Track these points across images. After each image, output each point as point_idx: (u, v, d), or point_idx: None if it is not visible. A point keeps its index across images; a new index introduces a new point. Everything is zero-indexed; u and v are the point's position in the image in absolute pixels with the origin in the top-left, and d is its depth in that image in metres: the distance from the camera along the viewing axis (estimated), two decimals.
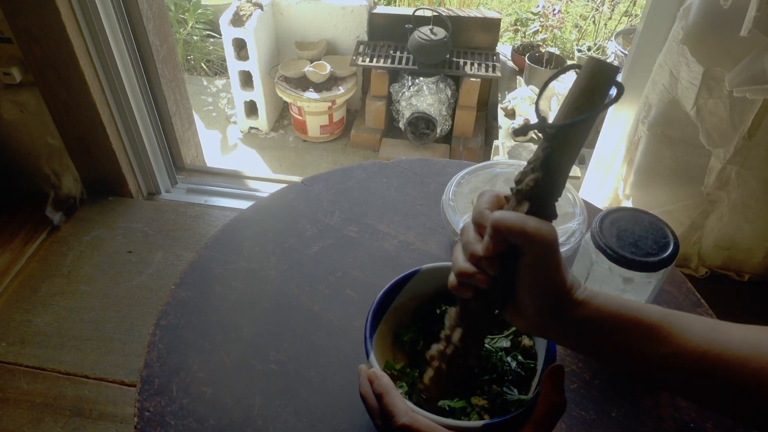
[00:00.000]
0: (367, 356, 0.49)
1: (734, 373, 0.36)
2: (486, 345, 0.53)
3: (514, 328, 0.55)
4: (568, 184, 0.75)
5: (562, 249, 0.68)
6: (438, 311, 0.56)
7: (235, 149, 2.58)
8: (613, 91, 0.38)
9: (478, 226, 0.42)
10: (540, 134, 0.39)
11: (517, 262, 0.40)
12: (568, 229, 0.71)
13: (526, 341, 0.54)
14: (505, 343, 0.53)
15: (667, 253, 0.59)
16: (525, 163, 0.42)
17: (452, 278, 0.43)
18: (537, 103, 0.41)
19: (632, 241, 0.60)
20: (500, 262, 0.40)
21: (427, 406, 0.48)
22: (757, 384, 0.36)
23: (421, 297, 0.57)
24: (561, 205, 0.74)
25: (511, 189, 0.41)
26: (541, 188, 0.39)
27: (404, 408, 0.43)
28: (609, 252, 0.59)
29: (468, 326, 0.45)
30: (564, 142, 0.38)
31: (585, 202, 0.83)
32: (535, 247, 0.39)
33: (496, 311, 0.44)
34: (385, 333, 0.55)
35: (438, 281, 0.56)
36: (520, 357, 0.52)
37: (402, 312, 0.57)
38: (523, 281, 0.41)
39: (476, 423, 0.44)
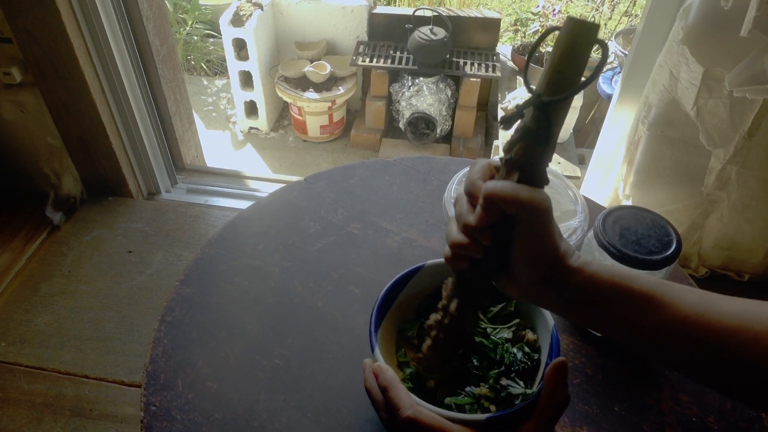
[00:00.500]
0: (372, 350, 0.49)
1: (723, 344, 0.37)
2: (491, 337, 0.54)
3: (517, 321, 0.55)
4: (570, 182, 0.76)
5: None
6: None
7: (235, 149, 2.59)
8: (611, 92, 0.37)
9: (471, 196, 0.42)
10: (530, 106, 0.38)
11: (510, 230, 0.41)
12: (569, 226, 0.71)
13: (529, 335, 0.54)
14: (507, 334, 0.53)
15: (670, 251, 0.59)
16: None
17: (447, 250, 0.43)
18: (525, 75, 0.40)
19: (635, 239, 0.61)
20: (493, 231, 0.40)
21: (431, 399, 0.48)
22: (744, 355, 0.36)
23: (424, 292, 0.57)
24: (562, 203, 0.74)
25: (501, 159, 0.41)
26: (530, 156, 0.39)
27: (409, 401, 0.43)
28: (612, 250, 0.60)
29: (464, 296, 0.45)
30: (554, 110, 0.37)
31: (586, 199, 0.83)
32: (529, 216, 0.39)
33: (492, 280, 0.44)
34: (389, 328, 0.55)
35: (441, 277, 0.57)
36: (526, 348, 0.53)
37: (406, 307, 0.57)
38: (518, 249, 0.41)
39: (480, 416, 0.44)
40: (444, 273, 0.56)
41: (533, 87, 0.38)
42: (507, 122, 0.41)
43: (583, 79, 0.37)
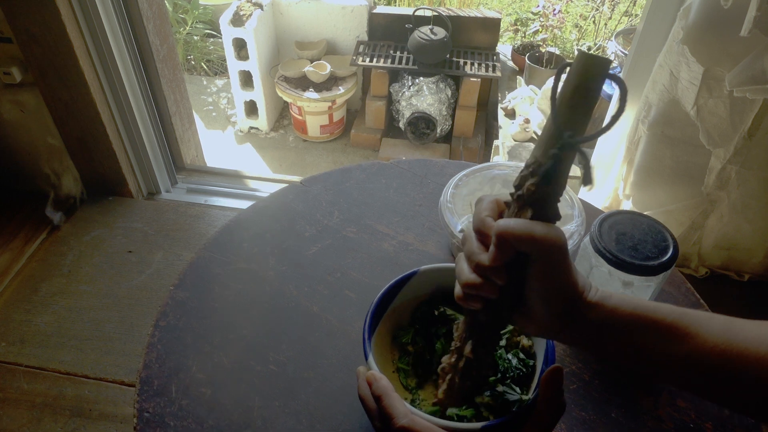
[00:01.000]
0: (366, 358, 0.49)
1: (753, 370, 0.36)
2: None
3: (510, 327, 0.55)
4: (566, 186, 0.76)
5: None
6: (436, 312, 0.56)
7: (235, 149, 2.58)
8: (612, 92, 0.37)
9: (481, 234, 0.41)
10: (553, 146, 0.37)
11: (524, 269, 0.40)
12: (566, 231, 0.71)
13: (524, 341, 0.54)
14: (501, 342, 0.53)
15: (667, 257, 0.59)
16: (522, 164, 0.41)
17: (458, 290, 0.42)
18: (554, 112, 0.37)
19: (631, 244, 0.60)
20: (507, 270, 0.39)
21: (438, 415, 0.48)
22: None
23: (419, 298, 0.57)
24: (559, 207, 0.74)
25: (511, 194, 0.40)
26: (543, 192, 0.38)
27: (403, 410, 0.43)
28: (608, 256, 0.59)
29: (478, 337, 0.44)
30: (572, 151, 0.37)
31: (584, 202, 0.83)
32: (545, 254, 0.38)
33: (506, 319, 0.44)
34: (383, 334, 0.55)
35: (436, 282, 0.56)
36: (521, 354, 0.52)
37: (400, 313, 0.56)
38: (534, 288, 0.40)
39: (476, 425, 0.44)
40: (440, 278, 0.56)
41: (564, 132, 0.36)
42: (548, 176, 0.38)
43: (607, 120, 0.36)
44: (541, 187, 0.38)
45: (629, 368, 0.42)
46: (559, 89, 0.37)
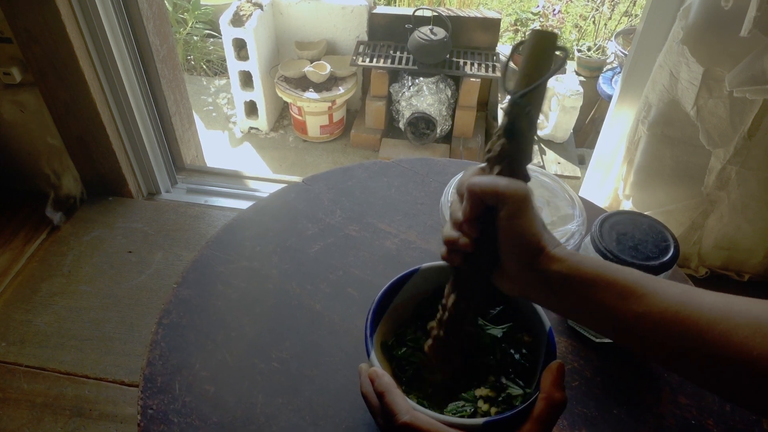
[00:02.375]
0: (368, 355, 0.49)
1: (700, 336, 0.37)
2: (486, 331, 0.54)
3: (510, 324, 0.55)
4: (566, 185, 0.76)
5: None
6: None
7: (234, 149, 2.58)
8: (611, 92, 0.41)
9: (461, 196, 0.44)
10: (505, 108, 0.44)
11: (495, 222, 0.43)
12: (567, 230, 0.71)
13: (525, 337, 0.54)
14: (497, 333, 0.54)
15: (668, 257, 0.59)
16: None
17: (443, 248, 0.46)
18: (504, 77, 0.46)
19: (632, 244, 0.60)
20: (480, 224, 0.43)
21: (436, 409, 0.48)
22: (720, 347, 0.36)
23: (421, 295, 0.57)
24: (560, 207, 0.74)
25: (485, 158, 0.45)
26: (508, 151, 0.42)
27: (406, 406, 0.43)
28: (609, 256, 0.59)
29: (460, 291, 0.47)
30: (522, 108, 0.41)
31: (585, 200, 0.83)
32: (507, 203, 0.41)
33: (486, 274, 0.46)
34: (385, 332, 0.55)
35: (438, 280, 0.56)
36: (523, 349, 0.53)
37: (402, 311, 0.57)
38: (501, 240, 0.43)
39: (477, 420, 0.44)
40: (439, 276, 0.56)
41: (509, 89, 0.43)
42: (506, 132, 0.43)
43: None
44: (504, 146, 0.43)
45: (591, 327, 0.43)
46: (510, 63, 0.42)
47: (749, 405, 0.38)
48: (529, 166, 0.44)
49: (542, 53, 0.41)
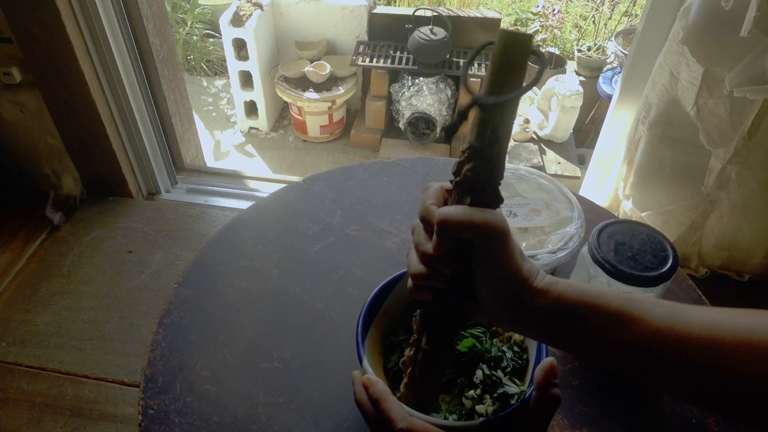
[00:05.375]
0: (360, 362, 0.49)
1: (694, 356, 0.36)
2: (473, 331, 0.54)
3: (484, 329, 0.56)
4: (564, 187, 0.76)
5: (560, 254, 0.68)
6: None
7: (235, 149, 2.58)
8: (611, 92, 0.37)
9: (426, 223, 0.40)
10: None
11: (471, 255, 0.39)
12: (566, 233, 0.71)
13: (516, 336, 0.54)
14: (481, 332, 0.54)
15: (667, 267, 0.58)
16: (521, 166, 0.41)
17: (409, 282, 0.42)
18: (465, 81, 0.39)
19: (630, 254, 0.59)
20: (454, 258, 0.39)
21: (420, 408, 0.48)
22: (711, 366, 0.36)
23: (409, 298, 0.57)
24: (559, 210, 0.74)
25: (451, 181, 0.40)
26: (480, 177, 0.37)
27: (402, 413, 0.43)
28: (607, 266, 0.58)
29: (434, 328, 0.44)
30: (498, 123, 0.36)
31: (584, 200, 0.83)
32: (487, 240, 0.37)
33: (459, 309, 0.43)
34: (375, 337, 0.55)
35: None
36: (515, 347, 0.53)
37: (391, 314, 0.56)
38: (480, 275, 0.39)
39: (474, 422, 0.44)
40: None
41: (475, 92, 0.36)
42: (449, 130, 0.39)
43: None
44: (476, 170, 0.37)
45: (577, 356, 0.42)
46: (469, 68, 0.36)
47: (745, 421, 0.37)
48: (528, 169, 0.40)
49: (516, 57, 0.35)
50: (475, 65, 2.30)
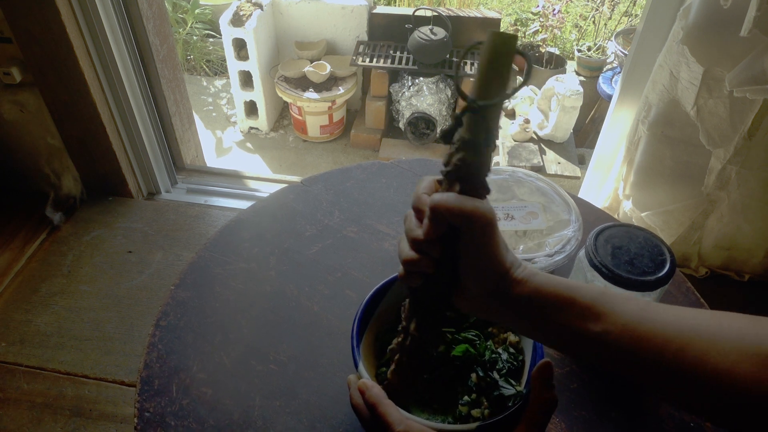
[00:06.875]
0: (356, 366, 0.49)
1: (656, 352, 0.37)
2: (465, 335, 0.54)
3: (490, 328, 0.55)
4: (562, 191, 0.76)
5: (558, 257, 0.68)
6: None
7: (235, 149, 2.58)
8: (611, 92, 0.38)
9: (418, 212, 0.42)
10: (461, 117, 0.40)
11: (457, 243, 0.40)
12: (563, 236, 0.71)
13: (511, 337, 0.54)
14: (472, 335, 0.54)
15: (664, 272, 0.58)
16: (521, 168, 0.41)
17: (400, 269, 0.43)
18: (458, 84, 0.41)
19: (628, 258, 0.59)
20: (442, 244, 0.41)
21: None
22: (676, 362, 0.36)
23: (403, 300, 0.57)
24: (556, 212, 0.74)
25: (442, 171, 0.42)
26: (469, 166, 0.39)
27: (399, 417, 0.43)
28: (604, 270, 0.58)
29: (421, 314, 0.45)
30: (486, 117, 0.38)
31: (582, 201, 0.83)
32: (473, 226, 0.39)
33: (446, 296, 0.44)
34: (371, 341, 0.55)
35: None
36: (511, 349, 0.53)
37: (386, 318, 0.56)
38: (464, 262, 0.41)
39: (471, 425, 0.44)
40: None
41: (467, 95, 0.38)
42: (447, 135, 0.41)
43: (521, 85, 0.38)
44: (465, 160, 0.39)
45: (552, 347, 0.43)
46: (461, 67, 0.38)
47: (714, 421, 0.38)
48: (526, 172, 0.42)
49: (502, 57, 0.36)
50: (475, 65, 2.30)
